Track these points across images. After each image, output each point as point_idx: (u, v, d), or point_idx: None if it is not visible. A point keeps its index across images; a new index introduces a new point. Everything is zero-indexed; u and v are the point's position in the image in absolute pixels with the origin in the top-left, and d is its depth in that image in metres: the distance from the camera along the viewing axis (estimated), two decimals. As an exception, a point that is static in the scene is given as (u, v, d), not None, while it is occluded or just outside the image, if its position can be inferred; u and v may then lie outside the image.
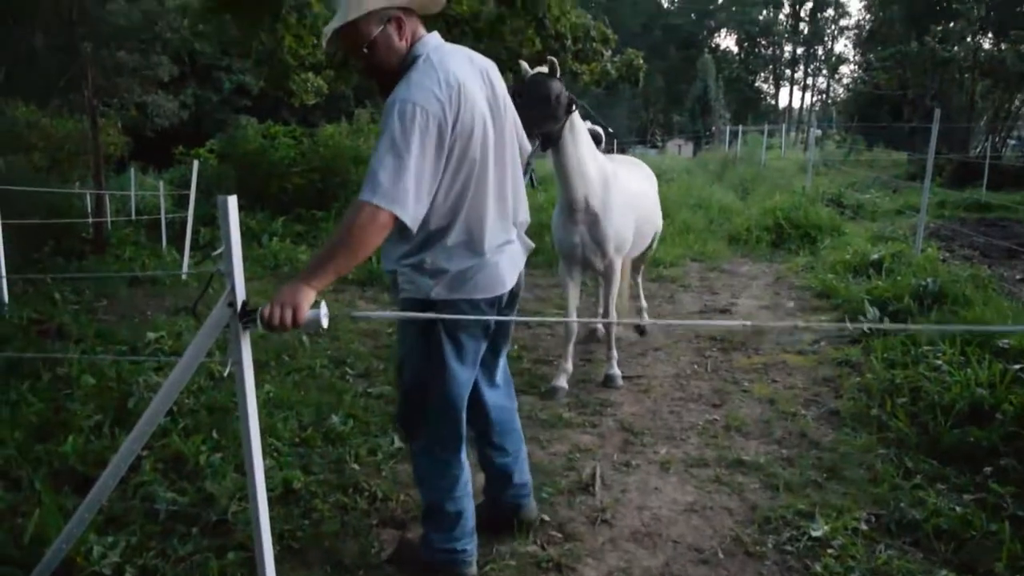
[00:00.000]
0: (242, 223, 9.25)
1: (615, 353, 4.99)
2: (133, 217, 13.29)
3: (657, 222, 5.62)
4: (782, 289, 7.63)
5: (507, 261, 2.53)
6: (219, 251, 2.23)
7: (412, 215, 2.22)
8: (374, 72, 2.45)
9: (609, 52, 12.54)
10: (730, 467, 3.69)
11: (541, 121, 3.90)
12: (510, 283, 2.55)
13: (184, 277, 8.84)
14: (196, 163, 9.47)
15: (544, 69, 4.05)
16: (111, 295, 8.04)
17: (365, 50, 2.39)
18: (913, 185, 16.50)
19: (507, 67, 12.18)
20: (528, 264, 2.85)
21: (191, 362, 2.36)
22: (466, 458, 2.74)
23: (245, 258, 8.41)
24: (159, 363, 5.35)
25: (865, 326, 5.33)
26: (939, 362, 4.41)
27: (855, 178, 17.67)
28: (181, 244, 9.98)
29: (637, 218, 4.88)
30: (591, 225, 4.57)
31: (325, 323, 2.20)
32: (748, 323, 1.89)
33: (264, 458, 3.76)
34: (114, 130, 16.02)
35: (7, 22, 20.38)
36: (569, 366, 4.89)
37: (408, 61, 2.39)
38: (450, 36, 12.17)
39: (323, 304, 2.21)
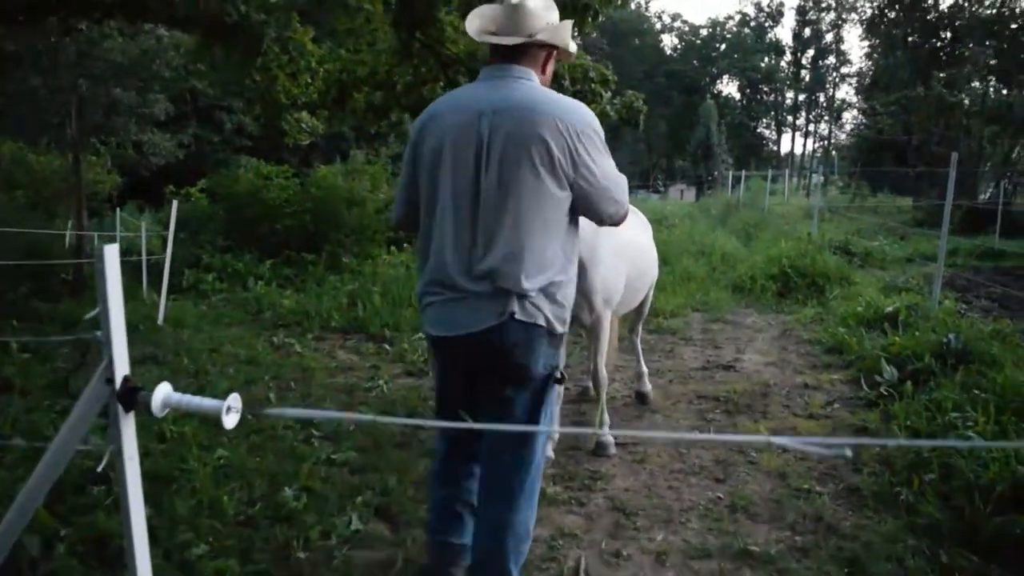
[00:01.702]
0: (228, 265, 8.81)
1: (607, 417, 4.51)
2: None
3: (652, 274, 5.14)
4: (789, 343, 7.14)
5: (459, 310, 2.40)
6: (94, 313, 1.78)
7: (394, 216, 2.75)
8: None
9: (608, 94, 12.20)
10: (736, 559, 3.19)
11: None
12: (443, 331, 2.45)
13: (160, 323, 8.35)
14: (175, 203, 9.05)
15: None
16: (77, 341, 7.59)
17: None
18: (921, 232, 16.09)
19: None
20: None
21: (62, 450, 1.89)
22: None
23: (228, 302, 7.92)
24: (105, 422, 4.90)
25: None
26: (971, 433, 3.93)
27: (861, 224, 17.28)
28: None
29: (629, 270, 4.42)
30: (578, 275, 4.10)
31: (229, 422, 1.70)
32: (774, 439, 1.42)
33: (199, 543, 3.30)
34: (102, 168, 15.65)
35: (5, 63, 20.26)
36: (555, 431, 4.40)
37: None
38: (446, 76, 11.88)
39: (233, 397, 1.71)
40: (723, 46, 71.88)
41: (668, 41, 74.50)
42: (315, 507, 3.63)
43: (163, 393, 1.76)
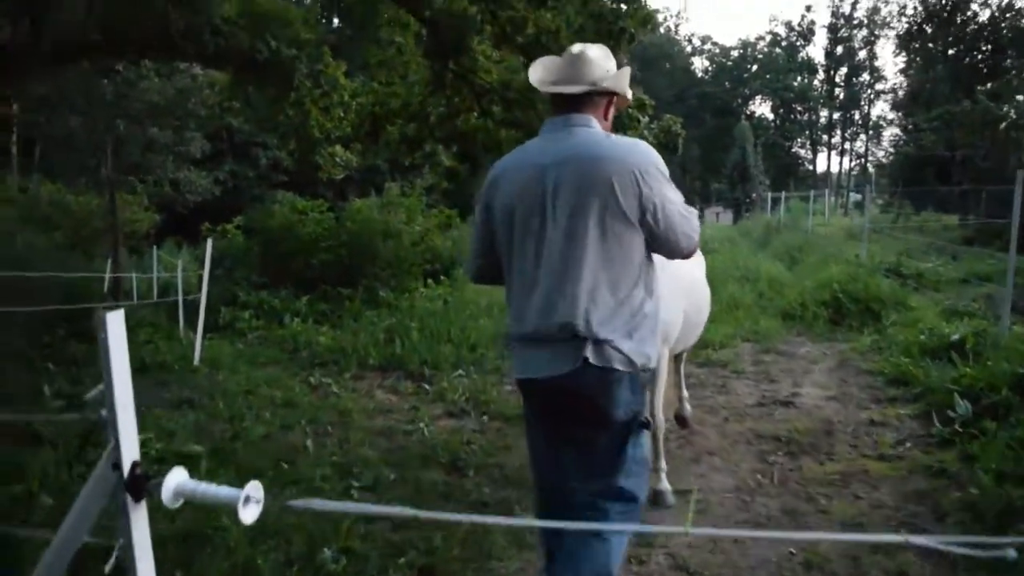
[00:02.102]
0: (264, 302, 8.63)
1: (664, 464, 4.21)
2: (155, 297, 12.87)
3: (707, 311, 4.87)
4: (849, 375, 6.78)
5: (539, 356, 2.41)
6: (96, 390, 1.55)
7: (469, 269, 2.81)
8: None
9: (646, 119, 11.97)
10: (818, 628, 2.88)
11: None
12: (525, 373, 2.47)
13: (196, 364, 8.20)
14: (210, 242, 8.95)
15: None
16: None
17: None
18: (972, 250, 15.55)
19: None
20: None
21: (68, 542, 1.67)
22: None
23: (264, 340, 7.70)
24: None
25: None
26: (1067, 479, 3.58)
27: (908, 244, 16.74)
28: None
29: (687, 307, 4.15)
30: None
31: (247, 515, 1.46)
32: (913, 539, 1.16)
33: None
34: (139, 207, 15.74)
35: (45, 105, 20.60)
36: None
37: None
38: (479, 107, 11.72)
39: (252, 485, 1.47)
40: (754, 67, 71.37)
41: (699, 63, 74.20)
42: (355, 569, 3.39)
43: (176, 481, 1.53)
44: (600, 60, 2.49)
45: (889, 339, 7.54)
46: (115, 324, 1.52)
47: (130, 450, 1.55)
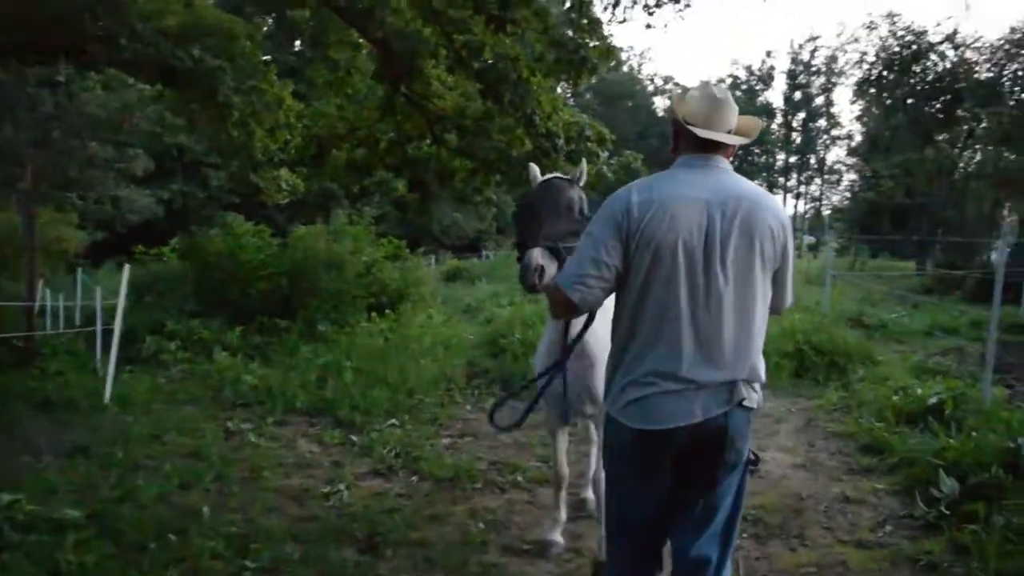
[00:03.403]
0: (194, 332, 7.83)
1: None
2: (77, 323, 11.99)
3: None
4: (816, 437, 6.21)
5: (683, 401, 2.32)
6: None
7: (572, 293, 2.42)
8: None
9: (605, 154, 11.51)
10: None
11: (562, 234, 3.10)
12: (662, 423, 2.32)
13: (106, 402, 7.42)
14: (127, 267, 8.21)
15: (560, 174, 3.52)
16: (9, 423, 6.67)
17: None
18: (931, 300, 15.31)
19: (495, 168, 11.13)
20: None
21: None
22: None
23: (188, 374, 6.91)
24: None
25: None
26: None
27: (867, 291, 16.45)
28: (121, 354, 8.52)
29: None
30: (584, 368, 3.46)
31: None
32: None
33: None
34: (68, 226, 14.85)
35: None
36: (562, 515, 3.93)
37: None
38: (432, 133, 11.15)
39: None
40: (715, 108, 72.16)
41: (661, 103, 74.80)
42: None
43: None
44: (733, 103, 2.53)
45: (857, 397, 7.02)
46: None
47: None
